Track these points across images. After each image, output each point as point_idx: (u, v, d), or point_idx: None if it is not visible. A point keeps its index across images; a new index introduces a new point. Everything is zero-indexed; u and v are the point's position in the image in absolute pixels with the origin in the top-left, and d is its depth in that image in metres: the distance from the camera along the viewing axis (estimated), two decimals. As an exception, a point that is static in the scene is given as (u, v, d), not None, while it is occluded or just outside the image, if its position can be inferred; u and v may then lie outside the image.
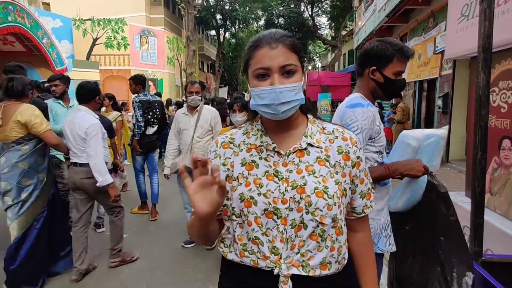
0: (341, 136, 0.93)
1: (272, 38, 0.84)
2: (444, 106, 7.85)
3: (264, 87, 0.84)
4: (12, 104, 2.53)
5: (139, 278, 2.84)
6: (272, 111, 0.84)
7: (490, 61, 1.29)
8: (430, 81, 9.02)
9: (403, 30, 11.15)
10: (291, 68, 0.84)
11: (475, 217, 1.34)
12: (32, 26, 9.82)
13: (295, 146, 0.89)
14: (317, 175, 0.87)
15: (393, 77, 1.39)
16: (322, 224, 0.85)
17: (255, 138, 0.92)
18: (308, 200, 0.84)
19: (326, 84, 16.86)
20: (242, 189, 0.87)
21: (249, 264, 0.88)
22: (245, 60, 0.89)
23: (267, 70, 0.83)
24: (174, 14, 25.33)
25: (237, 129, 0.99)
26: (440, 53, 7.74)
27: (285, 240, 0.85)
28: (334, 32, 24.32)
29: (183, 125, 3.41)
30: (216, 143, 0.96)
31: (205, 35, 31.97)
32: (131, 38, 18.58)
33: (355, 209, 0.96)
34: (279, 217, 0.84)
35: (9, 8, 8.69)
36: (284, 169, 0.87)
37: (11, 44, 10.39)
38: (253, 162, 0.89)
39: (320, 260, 0.86)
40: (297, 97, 0.84)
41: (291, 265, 0.85)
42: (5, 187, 2.50)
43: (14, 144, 2.51)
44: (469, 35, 2.33)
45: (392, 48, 1.36)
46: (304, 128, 0.92)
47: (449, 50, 2.84)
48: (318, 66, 41.33)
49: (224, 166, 0.92)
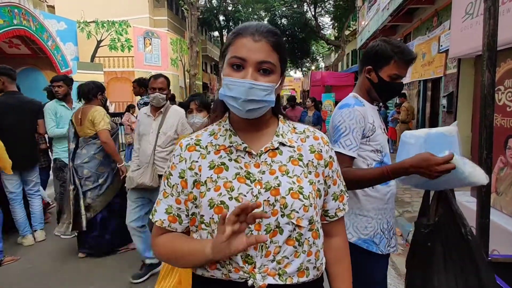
0: (313, 135, 0.90)
1: (257, 31, 0.79)
2: (449, 106, 7.79)
3: (235, 78, 0.78)
4: (88, 106, 3.19)
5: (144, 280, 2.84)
6: (237, 106, 0.78)
7: (495, 59, 1.28)
8: (434, 80, 8.96)
9: (407, 29, 11.09)
10: (268, 66, 0.79)
11: (481, 217, 1.32)
12: (37, 29, 9.93)
13: (267, 146, 0.84)
14: (291, 175, 0.82)
15: (388, 79, 1.34)
16: (299, 227, 0.80)
17: (223, 138, 0.86)
18: (283, 202, 0.79)
19: (329, 84, 16.85)
20: (211, 194, 0.80)
21: (220, 277, 0.81)
22: (225, 46, 0.84)
23: (243, 61, 0.78)
24: (178, 15, 25.44)
25: (202, 130, 0.91)
26: (444, 52, 7.68)
27: (259, 247, 0.78)
28: (337, 32, 24.28)
29: (143, 129, 2.74)
30: (180, 146, 0.88)
31: (208, 36, 32.04)
32: (135, 40, 18.69)
33: (328, 212, 0.91)
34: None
35: (14, 12, 8.79)
36: (256, 170, 0.82)
37: (17, 47, 10.50)
38: (222, 164, 0.83)
39: (298, 266, 0.81)
40: (267, 98, 0.79)
41: (266, 274, 0.79)
42: (86, 173, 3.15)
43: (90, 139, 3.16)
44: (473, 34, 2.31)
45: (392, 50, 1.31)
46: (275, 128, 0.88)
47: (453, 49, 2.82)
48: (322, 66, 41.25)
49: (191, 171, 0.84)
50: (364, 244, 1.35)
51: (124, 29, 18.54)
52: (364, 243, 1.35)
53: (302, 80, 25.34)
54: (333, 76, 18.12)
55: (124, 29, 18.54)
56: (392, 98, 1.55)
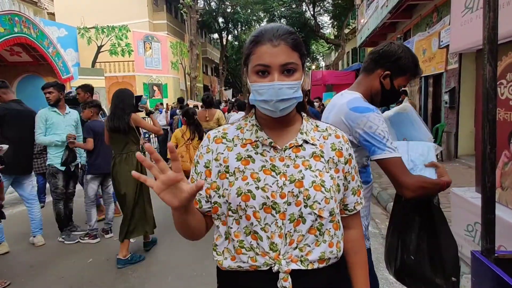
0: (334, 134, 0.95)
1: (274, 35, 0.83)
2: (451, 101, 7.74)
3: (263, 83, 0.83)
4: (211, 110, 4.95)
5: (148, 283, 2.85)
6: (270, 107, 0.84)
7: (496, 52, 1.26)
8: (435, 76, 8.91)
9: (406, 26, 11.05)
10: (291, 67, 0.84)
11: (486, 212, 1.30)
12: (38, 36, 9.99)
13: (291, 142, 0.89)
14: (314, 169, 0.88)
15: (397, 88, 1.37)
16: (321, 217, 0.85)
17: (250, 133, 0.92)
18: (306, 194, 0.84)
19: (330, 83, 16.81)
20: (239, 183, 0.85)
21: (246, 264, 0.86)
22: (246, 55, 0.89)
23: (267, 67, 0.83)
24: (177, 19, 25.51)
25: (229, 124, 0.98)
26: (445, 47, 7.64)
27: (284, 236, 0.84)
28: (336, 31, 24.24)
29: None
30: (208, 137, 0.94)
31: (208, 38, 32.11)
32: (135, 44, 18.76)
33: (347, 206, 0.97)
34: (278, 211, 0.83)
35: (15, 20, 8.85)
36: (281, 163, 0.87)
37: (18, 54, 10.58)
38: (249, 157, 0.89)
39: (319, 255, 0.86)
40: (295, 95, 0.85)
41: (290, 260, 0.84)
42: None
43: None
44: (474, 28, 2.29)
45: (413, 63, 1.33)
46: (299, 125, 0.94)
47: (454, 44, 2.79)
48: (322, 65, 41.20)
49: (216, 161, 0.90)
50: None
51: (124, 34, 18.62)
52: None
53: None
54: (333, 75, 18.08)
55: (124, 34, 18.62)
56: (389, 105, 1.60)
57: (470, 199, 2.44)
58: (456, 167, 6.86)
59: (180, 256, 3.33)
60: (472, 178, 3.32)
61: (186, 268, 3.08)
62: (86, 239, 3.74)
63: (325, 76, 17.56)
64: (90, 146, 3.67)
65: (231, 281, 0.91)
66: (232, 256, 0.88)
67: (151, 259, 3.26)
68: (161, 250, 3.51)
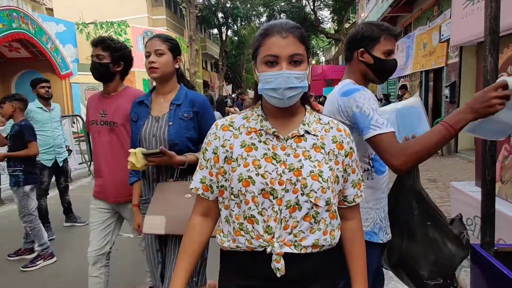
0: (336, 127, 0.99)
1: (283, 28, 0.89)
2: (452, 95, 7.72)
3: (272, 72, 0.88)
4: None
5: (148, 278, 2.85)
6: (278, 95, 0.88)
7: (498, 43, 1.25)
8: (436, 70, 8.88)
9: (407, 19, 10.98)
10: (299, 58, 0.89)
11: (486, 206, 1.30)
12: (36, 32, 9.94)
13: (293, 132, 0.94)
14: (313, 159, 0.91)
15: (383, 57, 1.34)
16: (316, 206, 0.89)
17: (255, 122, 0.97)
18: (304, 182, 0.88)
19: (330, 78, 16.77)
20: (241, 169, 0.90)
21: (243, 245, 0.91)
22: (255, 47, 0.93)
23: (276, 58, 0.88)
24: (176, 14, 25.36)
25: (237, 114, 1.04)
26: (445, 41, 7.60)
27: (279, 220, 0.89)
28: (337, 25, 24.10)
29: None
30: (215, 125, 1.00)
31: (208, 34, 31.96)
32: (134, 40, 18.66)
33: (347, 197, 1.00)
34: (275, 197, 0.88)
35: (13, 15, 8.80)
36: (282, 152, 0.92)
37: (17, 50, 10.54)
38: (252, 144, 0.93)
39: (313, 241, 0.90)
40: (302, 84, 0.89)
41: (283, 244, 0.89)
42: None
43: None
44: (475, 20, 2.27)
45: (379, 28, 1.34)
46: (302, 117, 0.98)
47: (455, 37, 2.77)
48: (322, 60, 41.05)
49: (223, 148, 0.95)
50: (366, 236, 1.34)
51: (123, 29, 18.52)
52: (366, 235, 1.35)
53: (303, 75, 25.14)
54: (333, 69, 18.03)
55: (123, 29, 18.52)
56: (390, 76, 1.48)
57: (470, 193, 2.43)
58: (456, 161, 6.86)
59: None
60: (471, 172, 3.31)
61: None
62: (41, 262, 3.08)
63: (325, 71, 17.52)
64: (36, 152, 3.09)
65: (231, 261, 0.97)
66: (232, 238, 0.93)
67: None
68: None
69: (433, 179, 5.54)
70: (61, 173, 3.91)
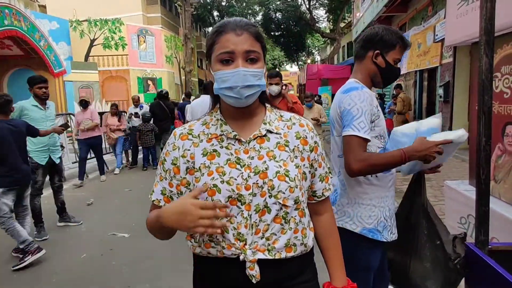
0: (299, 123, 0.97)
1: (237, 25, 0.86)
2: (446, 95, 7.80)
3: (228, 70, 0.84)
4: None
5: (143, 278, 2.84)
6: (235, 94, 0.85)
7: (493, 43, 1.26)
8: (430, 70, 8.95)
9: (402, 19, 11.05)
10: (255, 55, 0.86)
11: (480, 205, 1.31)
12: (29, 29, 9.80)
13: (255, 133, 0.91)
14: (278, 159, 0.89)
15: (393, 64, 1.41)
16: (285, 206, 0.87)
17: (215, 128, 0.93)
18: (270, 184, 0.86)
19: (326, 77, 16.82)
20: (205, 178, 0.87)
21: (215, 255, 0.89)
22: (208, 46, 0.89)
23: (231, 55, 0.84)
24: (171, 12, 25.21)
25: (195, 120, 1.00)
26: (440, 41, 7.66)
27: (250, 226, 0.86)
28: (332, 25, 24.17)
29: None
30: (174, 135, 0.96)
31: (203, 32, 31.81)
32: (129, 38, 18.53)
33: (316, 192, 1.00)
34: (243, 203, 0.86)
35: (5, 12, 8.67)
36: (245, 156, 0.89)
37: (9, 48, 10.39)
38: (214, 151, 0.90)
39: (285, 242, 0.88)
40: (259, 83, 0.86)
41: (256, 250, 0.87)
42: None
43: None
44: (469, 20, 2.28)
45: (396, 36, 1.39)
46: (262, 116, 0.95)
47: (449, 37, 2.79)
48: (317, 59, 41.13)
49: (183, 158, 0.92)
50: (369, 233, 1.35)
51: (117, 27, 18.36)
52: (369, 232, 1.36)
53: (298, 74, 25.24)
54: (329, 69, 18.08)
55: (117, 27, 18.36)
56: (393, 82, 1.57)
57: (464, 192, 2.45)
58: (450, 160, 6.92)
59: (175, 251, 3.32)
60: (465, 171, 3.34)
61: (180, 262, 3.07)
62: (29, 258, 2.98)
63: (320, 70, 17.56)
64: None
65: (204, 265, 0.94)
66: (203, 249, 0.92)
67: (145, 254, 3.25)
68: (154, 245, 3.49)
69: (427, 178, 5.56)
70: (56, 172, 3.87)
